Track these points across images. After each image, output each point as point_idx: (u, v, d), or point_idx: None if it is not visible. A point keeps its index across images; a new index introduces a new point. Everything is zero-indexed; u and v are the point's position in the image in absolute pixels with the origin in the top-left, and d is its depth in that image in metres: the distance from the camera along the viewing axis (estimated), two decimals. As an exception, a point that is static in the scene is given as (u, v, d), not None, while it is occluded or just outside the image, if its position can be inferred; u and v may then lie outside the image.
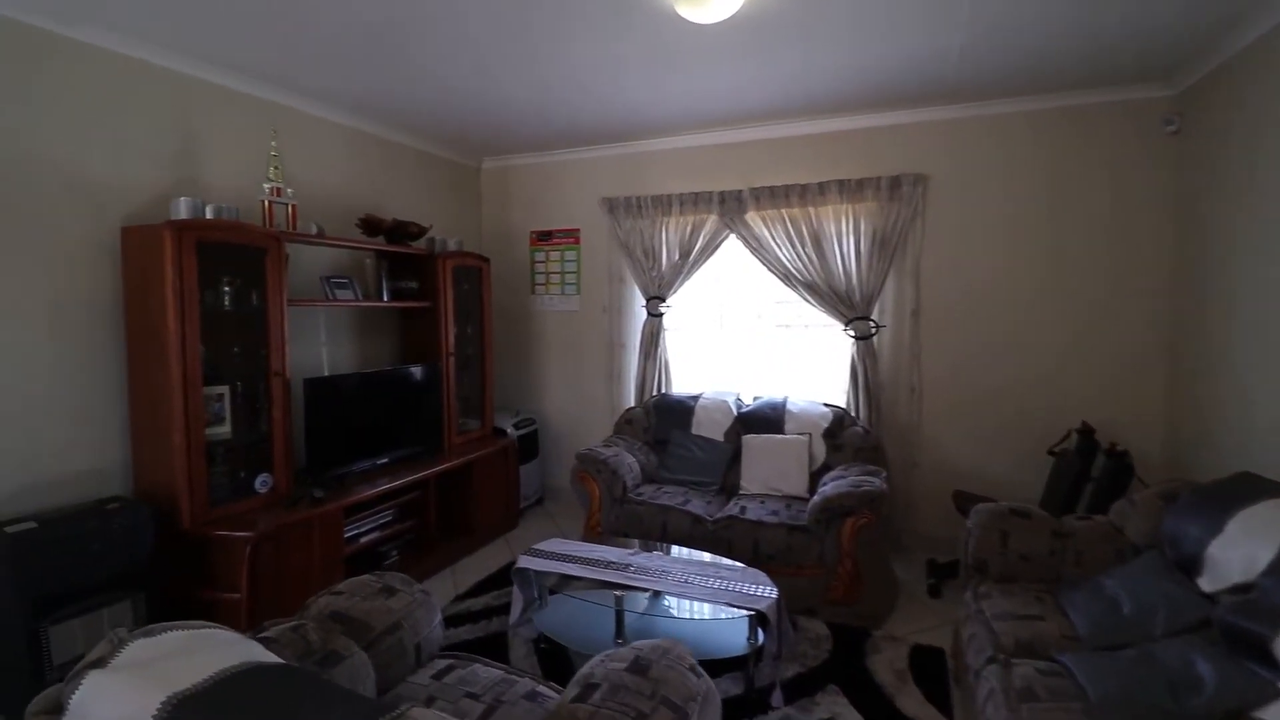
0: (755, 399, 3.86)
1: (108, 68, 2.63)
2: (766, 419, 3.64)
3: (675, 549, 2.84)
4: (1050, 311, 3.49)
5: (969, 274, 3.62)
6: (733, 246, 4.10)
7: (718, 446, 3.68)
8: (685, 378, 4.38)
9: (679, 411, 3.86)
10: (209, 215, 2.73)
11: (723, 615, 2.42)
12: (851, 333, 3.73)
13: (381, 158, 4.02)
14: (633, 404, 4.30)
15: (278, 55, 2.90)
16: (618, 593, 2.41)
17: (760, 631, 2.31)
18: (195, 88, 2.96)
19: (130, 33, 2.61)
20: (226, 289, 2.87)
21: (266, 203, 3.00)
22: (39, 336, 2.46)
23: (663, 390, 4.26)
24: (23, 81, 2.39)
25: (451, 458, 3.76)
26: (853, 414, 3.67)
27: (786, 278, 3.87)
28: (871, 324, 3.70)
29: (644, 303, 4.29)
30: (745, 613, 2.28)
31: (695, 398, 3.91)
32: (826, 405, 3.64)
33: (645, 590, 2.46)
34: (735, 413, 3.77)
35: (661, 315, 4.25)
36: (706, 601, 2.34)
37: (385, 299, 3.71)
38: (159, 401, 2.61)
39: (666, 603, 2.53)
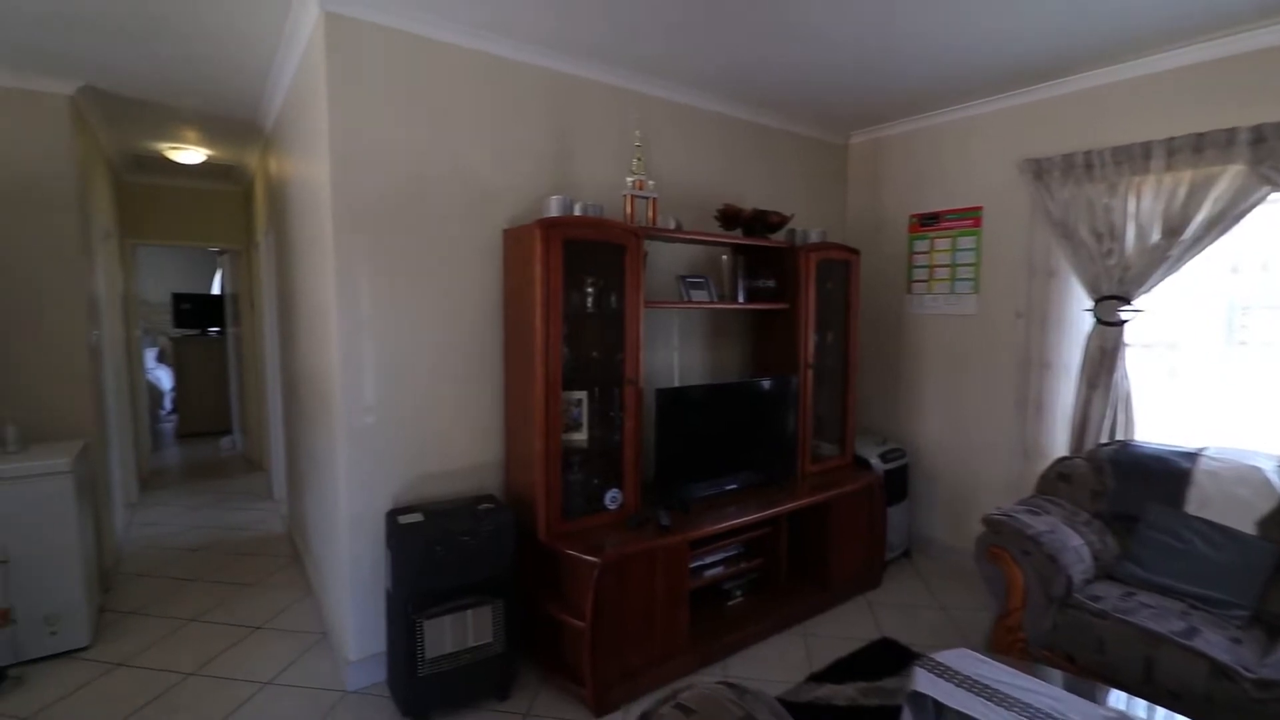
0: (1328, 471, 2.27)
1: (491, 71, 2.66)
2: (1368, 513, 2.07)
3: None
4: None
5: None
6: (1272, 214, 2.53)
7: (1244, 543, 2.25)
8: (1161, 420, 2.93)
9: (1161, 475, 2.51)
10: (576, 213, 2.61)
11: None
12: None
13: (739, 142, 3.58)
14: (1066, 451, 3.04)
15: (646, 37, 2.63)
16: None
17: None
18: (567, 84, 2.88)
19: (513, 34, 2.60)
20: (589, 289, 2.74)
21: (629, 198, 2.78)
22: (438, 336, 2.60)
23: (1122, 436, 2.90)
24: (420, 91, 2.51)
25: (805, 489, 3.12)
26: None
27: None
28: None
29: (1090, 305, 2.98)
30: None
31: (1192, 455, 2.50)
32: None
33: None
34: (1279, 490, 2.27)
35: (1121, 324, 2.89)
36: None
37: (740, 300, 3.25)
38: (525, 404, 2.57)
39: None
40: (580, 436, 2.73)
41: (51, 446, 2.88)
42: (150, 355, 7.78)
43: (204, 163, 4.66)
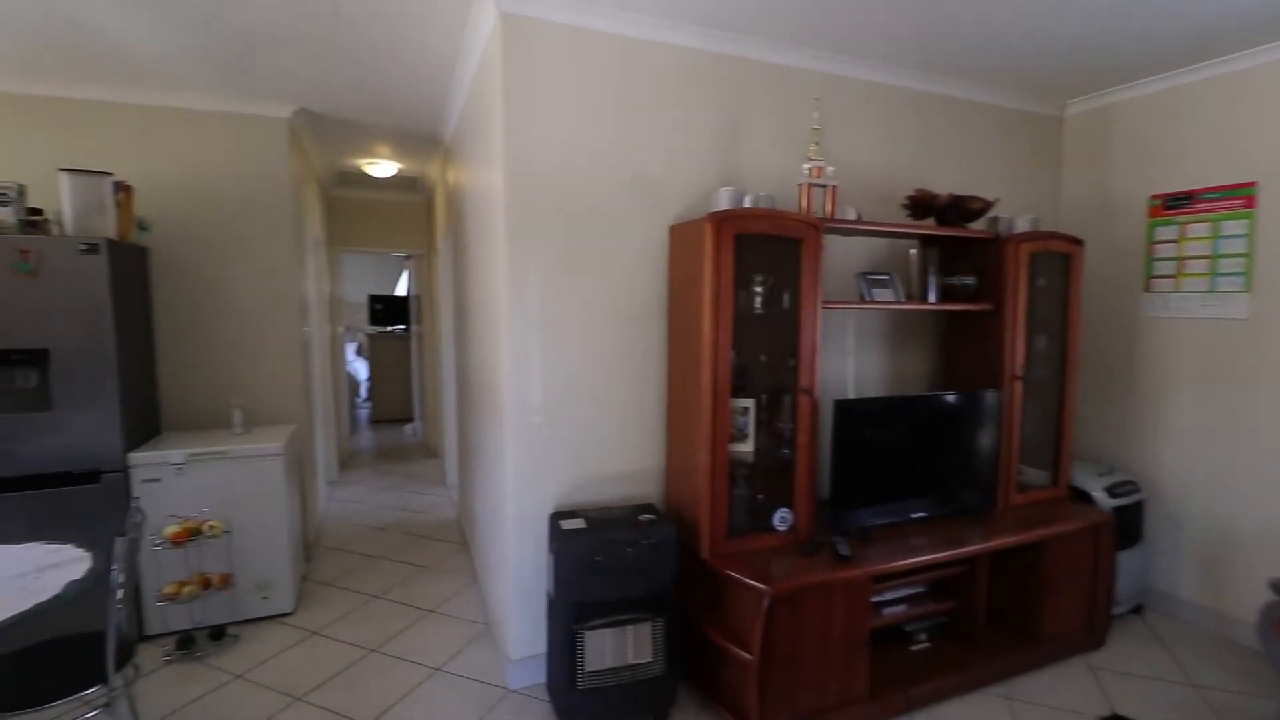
0: None
1: (657, 60, 2.53)
2: None
3: None
4: None
5: None
6: None
7: None
8: None
9: None
10: (747, 205, 2.41)
11: None
12: None
13: (923, 119, 3.13)
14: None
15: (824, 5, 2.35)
16: None
17: None
18: (731, 67, 2.66)
19: (678, 14, 2.44)
20: (758, 289, 2.52)
21: (805, 186, 2.52)
22: (602, 337, 2.52)
23: None
24: (588, 87, 2.44)
25: (1009, 524, 2.65)
26: None
27: None
28: None
29: None
30: None
31: None
32: None
33: None
34: None
35: None
36: None
37: (932, 299, 2.84)
38: (689, 411, 2.41)
39: None
40: (746, 448, 2.53)
41: (268, 429, 3.24)
42: (350, 349, 8.79)
43: (394, 176, 5.09)
